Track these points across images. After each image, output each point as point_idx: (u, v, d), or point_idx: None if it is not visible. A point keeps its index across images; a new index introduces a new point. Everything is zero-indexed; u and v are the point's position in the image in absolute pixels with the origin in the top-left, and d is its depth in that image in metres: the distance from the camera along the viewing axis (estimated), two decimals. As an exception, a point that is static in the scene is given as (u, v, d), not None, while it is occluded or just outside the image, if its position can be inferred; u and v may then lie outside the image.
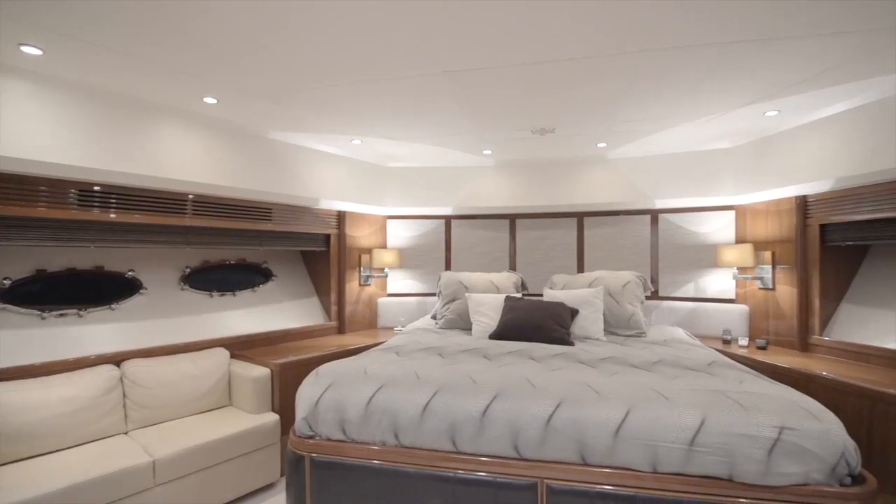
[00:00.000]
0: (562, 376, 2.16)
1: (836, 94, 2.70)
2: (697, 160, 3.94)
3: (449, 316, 3.67)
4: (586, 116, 3.06)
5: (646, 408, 1.82)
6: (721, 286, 3.89)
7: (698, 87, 2.58)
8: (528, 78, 2.43)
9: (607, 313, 3.42)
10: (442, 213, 4.52)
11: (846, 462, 1.66)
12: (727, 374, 2.18)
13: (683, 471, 1.73)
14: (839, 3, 1.74)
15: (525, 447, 1.88)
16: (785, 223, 3.38)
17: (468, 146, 3.81)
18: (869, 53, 2.16)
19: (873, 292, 3.02)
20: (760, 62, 2.26)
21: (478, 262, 4.46)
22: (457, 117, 3.06)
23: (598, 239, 4.28)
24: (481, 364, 2.42)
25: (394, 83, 2.50)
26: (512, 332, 3.10)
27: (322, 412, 2.13)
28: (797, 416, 1.71)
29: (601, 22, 1.87)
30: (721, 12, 1.80)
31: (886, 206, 2.68)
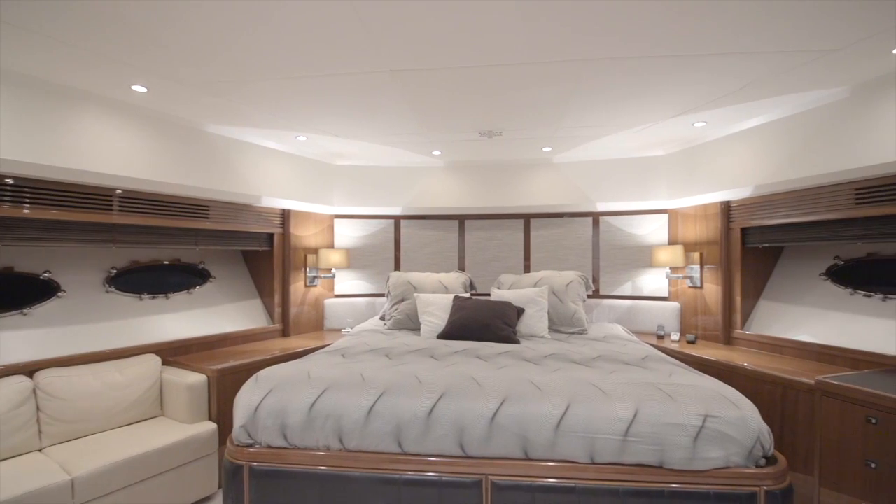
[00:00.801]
0: (507, 374, 2.21)
1: (756, 109, 2.95)
2: (634, 166, 4.16)
3: (397, 317, 3.64)
4: (531, 121, 3.15)
5: (584, 402, 1.90)
6: (656, 285, 4.13)
7: (633, 97, 2.72)
8: (476, 80, 2.47)
9: (552, 312, 3.53)
10: (391, 212, 4.48)
11: (761, 445, 1.81)
12: (659, 368, 2.32)
13: (619, 460, 1.82)
14: (754, 27, 1.90)
15: (470, 445, 1.90)
16: (711, 226, 3.64)
17: (417, 146, 3.81)
18: (782, 72, 2.37)
19: (786, 289, 3.33)
20: (688, 76, 2.42)
21: (427, 263, 4.46)
22: (405, 117, 3.05)
23: (544, 240, 4.41)
24: (428, 364, 2.42)
25: (340, 80, 2.45)
26: (460, 331, 3.12)
27: (262, 419, 2.05)
28: (719, 404, 1.84)
29: (545, 30, 1.93)
30: (653, 28, 1.91)
31: (797, 212, 2.95)
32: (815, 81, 2.50)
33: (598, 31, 1.94)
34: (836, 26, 1.91)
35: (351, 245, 4.46)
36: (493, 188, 4.41)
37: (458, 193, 4.43)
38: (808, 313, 3.08)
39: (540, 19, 1.85)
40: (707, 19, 1.85)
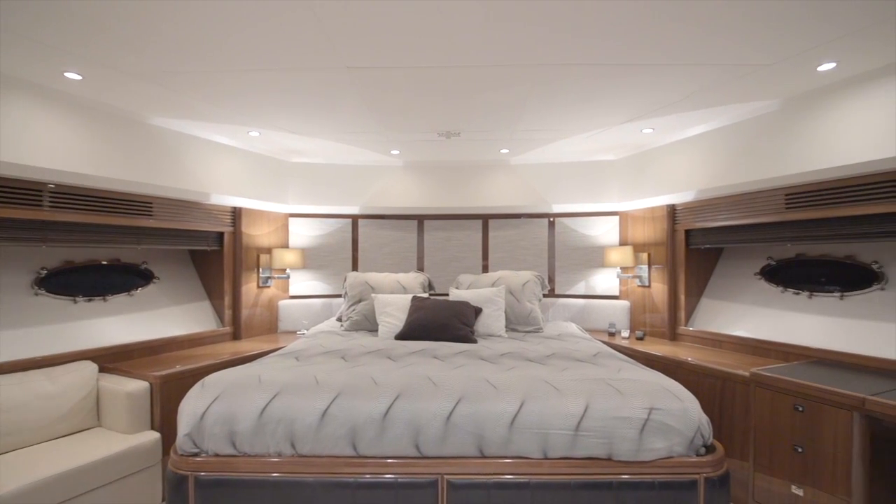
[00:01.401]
0: (463, 373, 2.22)
1: (698, 118, 3.12)
2: (588, 169, 4.30)
3: (355, 318, 3.59)
4: (489, 123, 3.19)
5: (538, 399, 1.94)
6: (607, 284, 4.29)
7: (586, 103, 2.82)
8: (434, 81, 2.47)
9: (509, 311, 3.59)
10: (348, 211, 4.41)
11: (701, 435, 1.92)
12: (609, 364, 2.41)
13: (570, 454, 1.88)
14: (696, 40, 2.01)
15: (426, 445, 1.90)
16: (658, 228, 3.82)
17: (375, 145, 3.77)
18: (721, 84, 2.52)
19: (725, 288, 3.54)
20: (637, 85, 2.53)
21: (385, 263, 4.43)
22: (362, 115, 3.01)
23: (502, 240, 4.48)
24: (385, 365, 2.40)
25: (294, 75, 2.39)
26: (418, 331, 3.12)
27: (209, 426, 1.96)
28: (663, 397, 1.94)
29: (502, 34, 1.96)
30: (604, 38, 1.98)
31: (735, 215, 3.15)
32: (750, 94, 2.67)
33: (553, 37, 1.98)
34: (767, 43, 2.05)
35: (306, 245, 4.35)
36: (452, 189, 4.43)
37: (417, 193, 4.43)
38: (744, 310, 3.29)
39: (498, 23, 1.88)
40: (654, 31, 1.94)
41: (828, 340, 2.70)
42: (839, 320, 2.73)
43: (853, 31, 1.94)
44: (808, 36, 2.00)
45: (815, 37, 2.00)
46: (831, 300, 2.82)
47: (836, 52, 2.15)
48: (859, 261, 2.72)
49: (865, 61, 2.24)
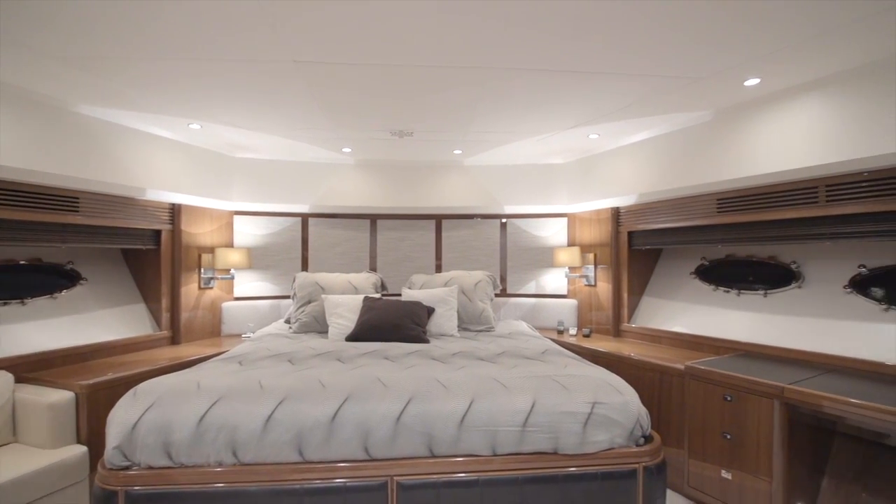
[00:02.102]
0: (413, 374, 2.22)
1: (640, 125, 3.28)
2: (538, 172, 4.42)
3: (304, 319, 3.49)
4: (442, 123, 3.20)
5: (487, 396, 1.97)
6: (556, 283, 4.42)
7: (534, 107, 2.89)
8: (385, 79, 2.44)
9: (461, 310, 3.62)
10: (298, 210, 4.28)
11: (640, 426, 2.02)
12: (556, 361, 2.48)
13: (518, 450, 1.92)
14: (637, 51, 2.11)
15: (375, 447, 1.88)
16: (604, 230, 3.98)
17: (326, 142, 3.69)
18: (660, 94, 2.67)
19: (664, 286, 3.75)
20: (583, 91, 2.63)
21: (337, 263, 4.34)
22: (311, 111, 2.93)
23: (455, 240, 4.51)
24: (334, 367, 2.35)
25: (238, 66, 2.29)
26: (369, 332, 3.08)
27: (141, 437, 1.84)
28: (605, 392, 2.02)
29: (452, 34, 1.96)
30: (551, 45, 2.03)
31: (672, 218, 3.34)
32: (685, 105, 2.84)
33: (501, 42, 2.02)
34: (699, 58, 2.19)
35: (252, 244, 4.18)
36: (406, 188, 4.41)
37: (370, 192, 4.37)
38: (681, 307, 3.50)
39: (448, 25, 1.89)
40: (596, 42, 2.02)
41: (754, 334, 2.92)
42: (764, 316, 2.96)
43: (774, 50, 2.11)
44: (735, 53, 2.15)
45: (740, 54, 2.16)
46: (757, 297, 3.05)
47: (760, 69, 2.33)
48: (780, 261, 2.96)
49: (786, 78, 2.45)
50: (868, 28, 1.90)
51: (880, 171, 2.24)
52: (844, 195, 2.39)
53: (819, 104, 2.44)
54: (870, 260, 2.52)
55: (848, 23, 1.86)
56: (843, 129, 2.33)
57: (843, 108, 2.33)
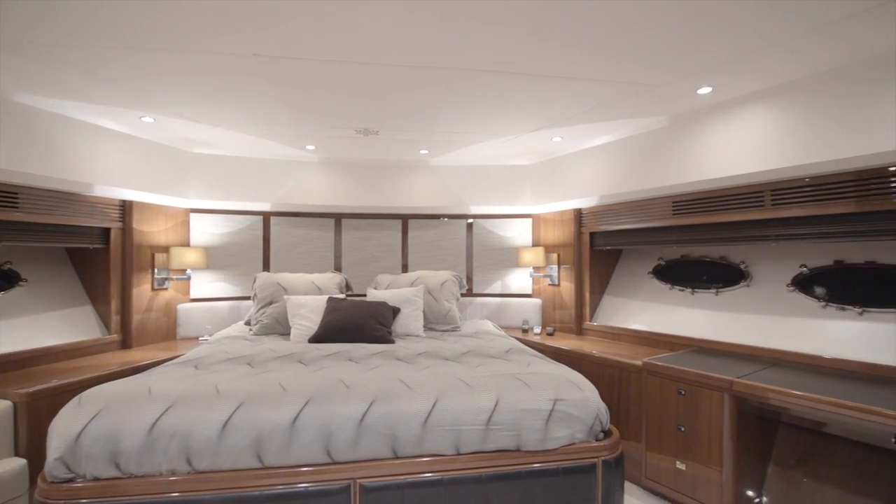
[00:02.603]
0: (377, 374, 2.20)
1: (601, 129, 3.37)
2: (504, 173, 4.47)
3: (265, 321, 3.39)
4: (408, 122, 3.18)
5: (451, 396, 1.97)
6: (521, 283, 4.49)
7: (499, 109, 2.92)
8: (349, 76, 2.41)
9: (427, 310, 3.62)
10: (259, 208, 4.16)
11: (599, 421, 2.08)
12: (519, 359, 2.52)
13: (481, 448, 1.93)
14: (598, 57, 2.16)
15: (338, 450, 1.85)
16: (567, 230, 4.07)
17: (288, 139, 3.60)
18: (619, 100, 2.75)
19: (624, 285, 3.87)
20: (546, 95, 2.67)
21: (300, 263, 4.24)
22: (272, 107, 2.86)
23: (421, 240, 4.50)
24: (295, 370, 2.30)
25: (195, 58, 2.19)
26: (333, 334, 3.02)
27: (86, 447, 1.74)
28: (566, 388, 2.07)
29: (416, 34, 1.95)
30: (515, 48, 2.06)
31: (631, 219, 3.46)
32: (643, 110, 2.94)
33: (467, 42, 2.03)
34: (655, 66, 2.28)
35: (210, 243, 4.03)
36: (371, 187, 4.37)
37: (335, 191, 4.30)
38: (640, 306, 3.62)
39: (412, 24, 1.88)
40: (559, 46, 2.06)
41: (707, 331, 3.06)
42: (716, 313, 3.10)
43: (724, 61, 2.21)
44: (688, 62, 2.24)
45: (693, 63, 2.25)
46: (709, 296, 3.19)
47: (712, 78, 2.44)
48: (731, 261, 3.11)
49: (736, 88, 2.57)
50: (810, 43, 2.02)
51: (820, 177, 2.40)
52: (788, 199, 2.54)
53: (765, 113, 2.58)
54: (810, 260, 2.69)
55: (792, 37, 1.98)
56: (787, 137, 2.47)
57: (788, 118, 2.48)
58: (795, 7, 1.74)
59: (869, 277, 2.45)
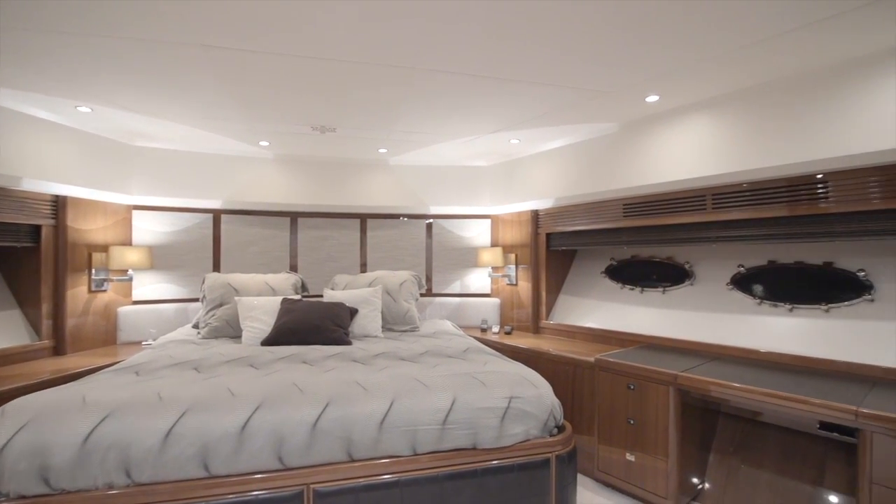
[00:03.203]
0: (333, 377, 2.15)
1: (557, 133, 3.46)
2: (463, 174, 4.50)
3: (214, 324, 3.25)
4: (366, 121, 3.14)
5: (407, 396, 1.96)
6: (480, 283, 4.53)
7: (458, 110, 2.94)
8: (304, 72, 2.35)
9: (385, 311, 3.58)
10: (208, 205, 3.98)
11: (553, 417, 2.13)
12: (477, 358, 2.54)
13: (438, 448, 1.93)
14: (553, 63, 2.22)
15: (290, 456, 1.79)
16: (525, 231, 4.15)
17: (240, 134, 3.46)
18: (573, 105, 2.83)
19: (579, 285, 3.99)
20: (503, 98, 2.71)
21: (253, 263, 4.10)
22: (223, 100, 2.74)
23: (380, 240, 4.45)
24: (246, 374, 2.21)
25: (139, 46, 2.07)
26: (287, 336, 2.94)
27: (10, 463, 1.60)
28: (521, 386, 2.11)
29: (374, 31, 1.93)
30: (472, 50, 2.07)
31: (586, 221, 3.57)
32: (596, 116, 3.05)
33: (425, 42, 2.02)
34: (607, 73, 2.36)
35: (155, 242, 3.81)
36: (329, 186, 4.28)
37: (290, 189, 4.18)
38: (593, 304, 3.74)
39: (370, 21, 1.85)
40: (516, 50, 2.09)
41: (655, 328, 3.20)
42: (663, 311, 3.25)
43: (669, 71, 2.32)
44: (637, 71, 2.34)
45: (641, 72, 2.35)
46: (657, 294, 3.34)
47: (659, 87, 2.56)
48: (676, 261, 3.27)
49: (681, 97, 2.71)
50: (746, 57, 2.16)
51: (757, 183, 2.56)
52: (728, 203, 2.70)
53: (708, 122, 2.73)
54: (747, 260, 2.87)
55: (729, 52, 2.10)
56: (727, 145, 2.63)
57: (727, 127, 2.64)
58: (732, 25, 1.85)
59: (798, 276, 2.65)
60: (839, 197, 2.28)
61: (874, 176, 2.17)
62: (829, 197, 2.31)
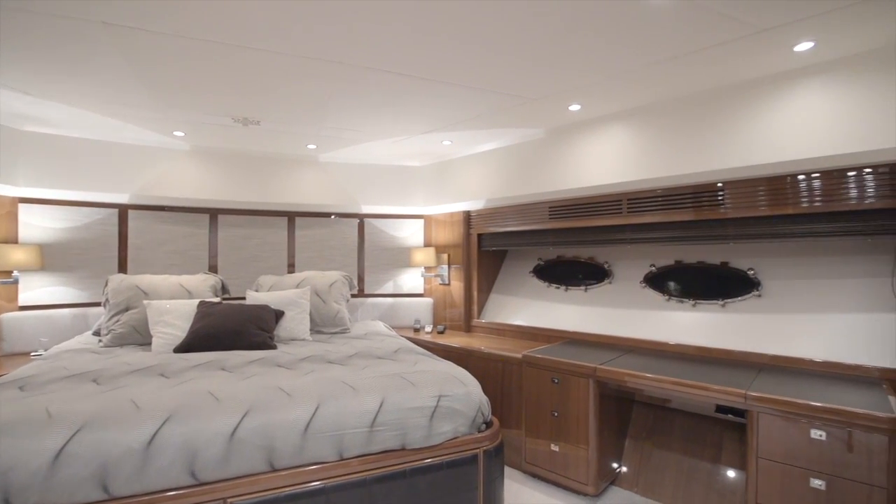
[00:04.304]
0: (254, 383, 2.04)
1: (488, 136, 3.54)
2: (397, 173, 4.47)
3: (119, 330, 2.95)
4: (293, 115, 3.01)
5: (334, 400, 1.91)
6: (413, 283, 4.53)
7: (389, 109, 2.91)
8: (225, 60, 2.20)
9: (314, 313, 3.46)
10: (113, 199, 3.61)
11: (482, 413, 2.17)
12: (407, 359, 2.53)
13: (366, 451, 1.89)
14: (482, 68, 2.26)
15: (204, 470, 1.67)
16: (457, 231, 4.20)
17: (151, 123, 3.18)
18: (502, 109, 2.91)
19: (509, 284, 4.11)
20: (433, 99, 2.73)
21: (167, 263, 3.78)
22: (130, 84, 2.50)
23: (309, 239, 4.30)
24: (155, 384, 2.03)
25: (27, 19, 1.82)
26: (204, 341, 2.74)
27: None
28: (450, 384, 2.13)
29: (301, 23, 1.86)
30: (402, 49, 2.06)
31: (515, 222, 3.69)
32: (524, 121, 3.16)
33: (353, 38, 1.98)
34: (533, 80, 2.45)
35: (47, 239, 3.39)
36: (254, 181, 4.05)
37: (210, 184, 3.90)
38: (522, 302, 3.87)
39: (299, 14, 1.78)
40: (443, 51, 2.11)
41: (578, 324, 3.38)
42: (585, 308, 3.44)
43: (589, 83, 2.46)
44: (559, 81, 2.46)
45: (563, 83, 2.47)
46: (580, 292, 3.53)
47: (580, 97, 2.70)
48: (597, 261, 3.48)
49: (600, 107, 2.88)
50: (657, 74, 2.34)
51: (668, 189, 2.79)
52: (642, 207, 2.91)
53: (625, 131, 2.93)
54: (658, 260, 3.12)
55: (640, 68, 2.27)
56: (642, 154, 2.84)
57: (642, 137, 2.84)
58: (643, 44, 2.00)
59: (700, 275, 2.92)
60: (734, 204, 2.55)
61: (761, 186, 2.45)
62: (726, 203, 2.57)
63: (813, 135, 2.22)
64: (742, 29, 1.90)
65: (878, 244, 2.32)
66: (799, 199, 2.34)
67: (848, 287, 2.39)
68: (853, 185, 2.19)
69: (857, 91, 2.12)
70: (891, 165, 2.09)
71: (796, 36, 1.96)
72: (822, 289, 2.47)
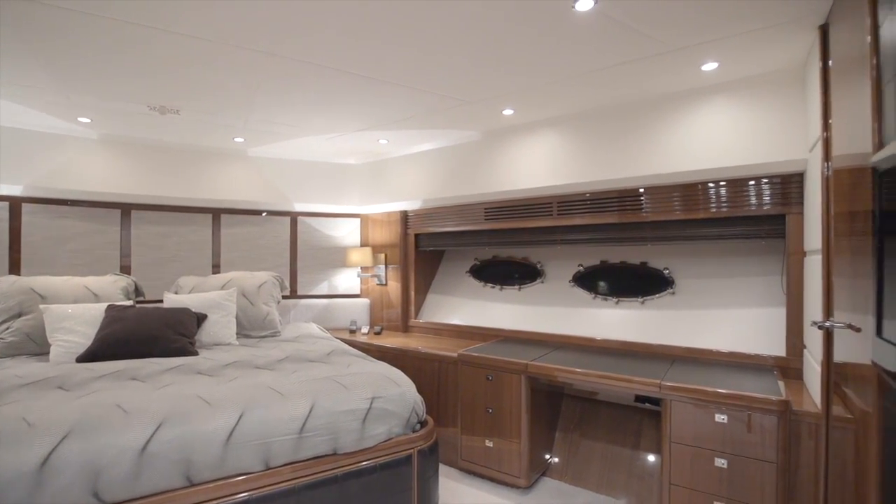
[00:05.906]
0: (169, 393, 1.88)
1: (425, 136, 3.54)
2: (332, 171, 4.35)
3: (9, 339, 2.61)
4: (217, 105, 2.83)
5: (259, 407, 1.81)
6: (349, 283, 4.43)
7: (323, 105, 2.82)
8: (136, 41, 2.02)
9: (241, 315, 3.27)
10: (3, 192, 3.20)
11: (416, 413, 2.16)
12: (340, 361, 2.46)
13: (295, 458, 1.82)
14: (418, 68, 2.26)
15: (109, 490, 1.51)
16: (394, 231, 4.17)
17: (51, 107, 2.85)
18: (438, 111, 2.92)
19: (446, 284, 4.14)
20: (368, 96, 2.68)
21: (70, 264, 3.40)
22: (24, 62, 2.22)
23: (237, 238, 4.07)
24: (51, 398, 1.81)
25: None
26: (113, 349, 2.49)
27: None
28: (384, 385, 2.10)
29: (227, 9, 1.74)
30: (335, 44, 2.00)
31: (452, 223, 3.72)
32: (460, 123, 3.19)
33: (284, 28, 1.89)
34: (467, 84, 2.49)
35: (-82, 237, 2.94)
36: (173, 175, 3.76)
37: (122, 176, 3.57)
38: (459, 302, 3.92)
39: None
40: (379, 49, 2.07)
41: (512, 322, 3.47)
42: (519, 307, 3.54)
43: (520, 88, 2.54)
44: (492, 86, 2.52)
45: (497, 87, 2.54)
46: (514, 291, 3.63)
47: (513, 102, 2.78)
48: (530, 261, 3.60)
49: (532, 113, 2.98)
50: (586, 82, 2.46)
51: (596, 193, 2.94)
52: (571, 210, 3.05)
53: (555, 136, 3.06)
54: (585, 260, 3.28)
55: (571, 76, 2.37)
56: (571, 159, 2.98)
57: (572, 142, 2.98)
58: (570, 55, 2.09)
59: (622, 274, 3.12)
60: (652, 208, 2.74)
61: (677, 192, 2.65)
62: (646, 207, 2.76)
63: (719, 147, 2.45)
64: (656, 46, 2.05)
65: (771, 246, 2.60)
66: (709, 205, 2.57)
67: (747, 284, 2.66)
68: (752, 193, 2.45)
69: (754, 109, 2.36)
70: (781, 176, 2.35)
71: (702, 56, 2.15)
72: (727, 286, 2.73)
